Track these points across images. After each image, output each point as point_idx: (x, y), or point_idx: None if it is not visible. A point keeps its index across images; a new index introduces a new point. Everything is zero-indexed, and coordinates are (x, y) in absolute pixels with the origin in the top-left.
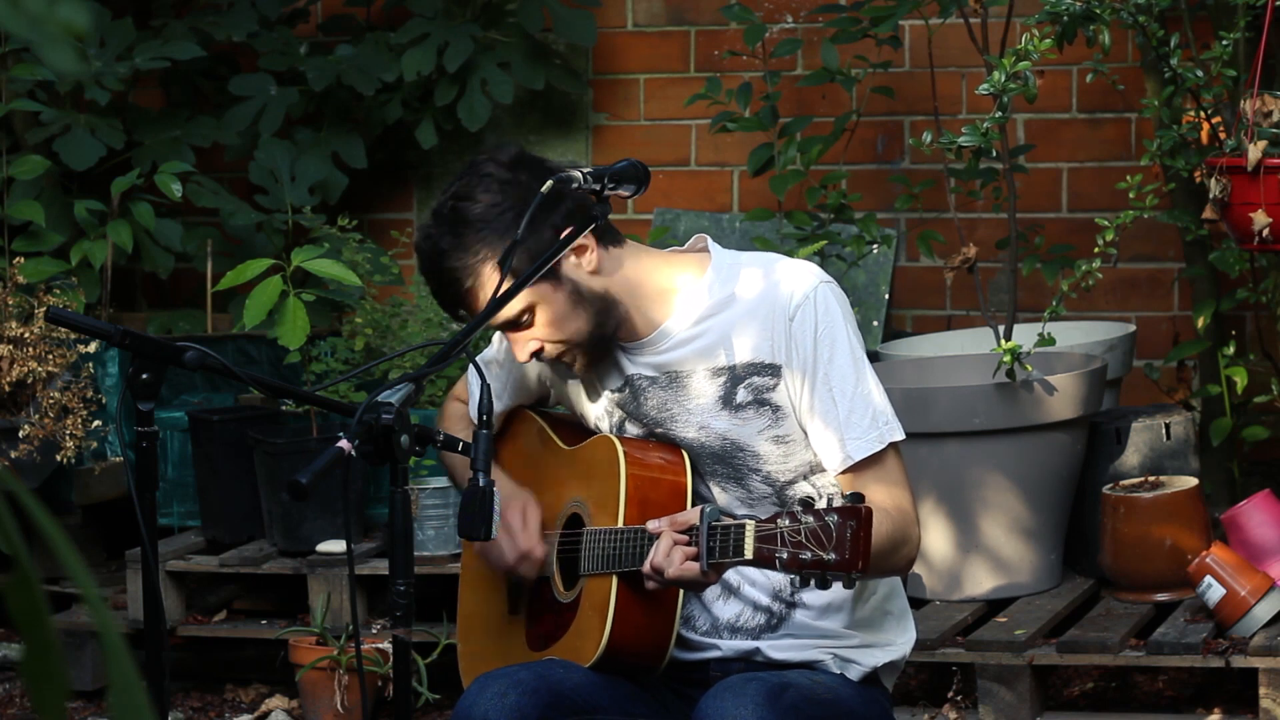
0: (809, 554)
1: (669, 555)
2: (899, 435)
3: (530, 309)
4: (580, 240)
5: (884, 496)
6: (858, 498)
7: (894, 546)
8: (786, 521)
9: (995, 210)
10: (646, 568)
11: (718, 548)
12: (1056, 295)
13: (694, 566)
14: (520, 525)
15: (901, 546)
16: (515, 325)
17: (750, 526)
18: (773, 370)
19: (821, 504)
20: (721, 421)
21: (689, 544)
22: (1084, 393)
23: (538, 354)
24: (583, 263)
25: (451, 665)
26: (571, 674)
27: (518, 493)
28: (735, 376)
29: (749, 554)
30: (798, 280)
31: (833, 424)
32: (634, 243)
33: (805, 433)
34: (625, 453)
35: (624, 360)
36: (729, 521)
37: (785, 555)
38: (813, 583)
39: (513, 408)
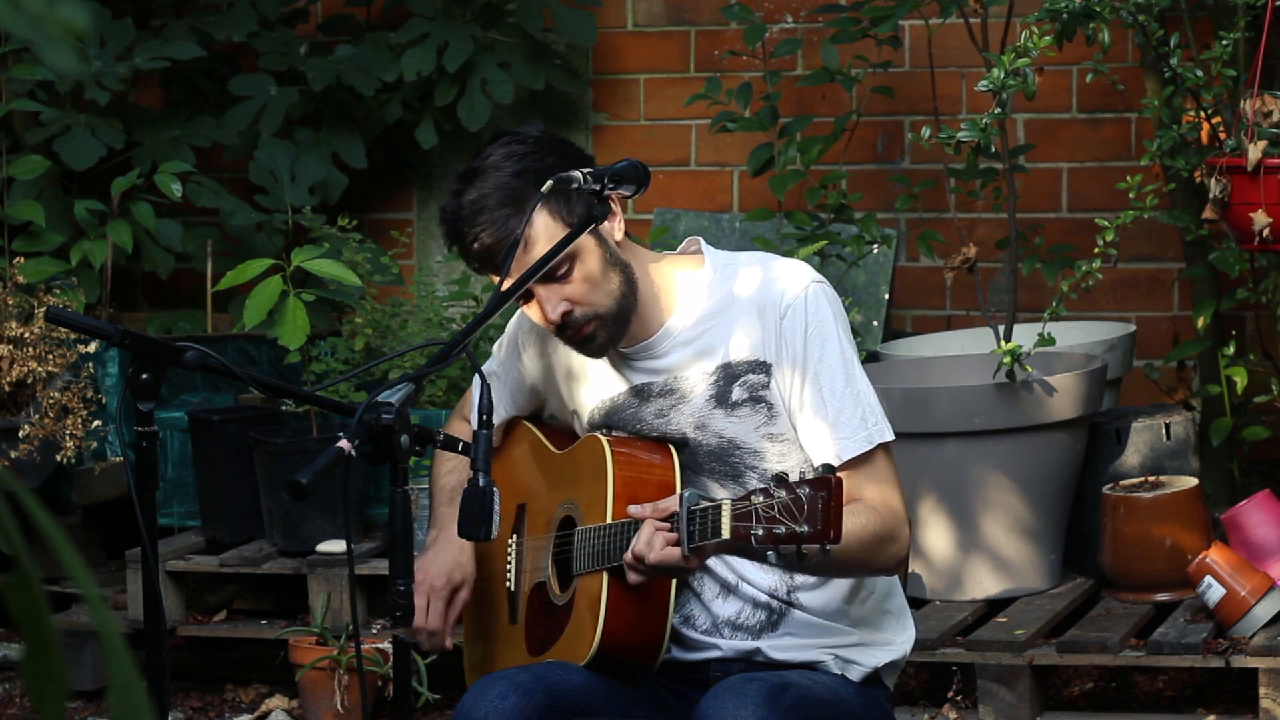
0: (783, 528)
1: (650, 542)
2: (888, 436)
3: (572, 258)
4: (613, 206)
5: (874, 494)
6: (828, 469)
7: (881, 543)
8: (760, 498)
9: (995, 210)
10: (628, 557)
11: (697, 531)
12: (1056, 295)
13: (675, 552)
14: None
15: (890, 544)
16: (553, 277)
17: (726, 506)
18: (764, 368)
19: (793, 477)
20: (718, 420)
21: (670, 530)
22: (1084, 393)
23: (567, 315)
24: (614, 227)
25: (450, 665)
26: (571, 676)
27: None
28: (729, 375)
29: (726, 533)
30: (790, 280)
31: (822, 423)
32: (631, 243)
33: (796, 430)
34: (612, 451)
35: (625, 369)
36: (706, 504)
37: (760, 531)
38: (791, 557)
39: (509, 419)
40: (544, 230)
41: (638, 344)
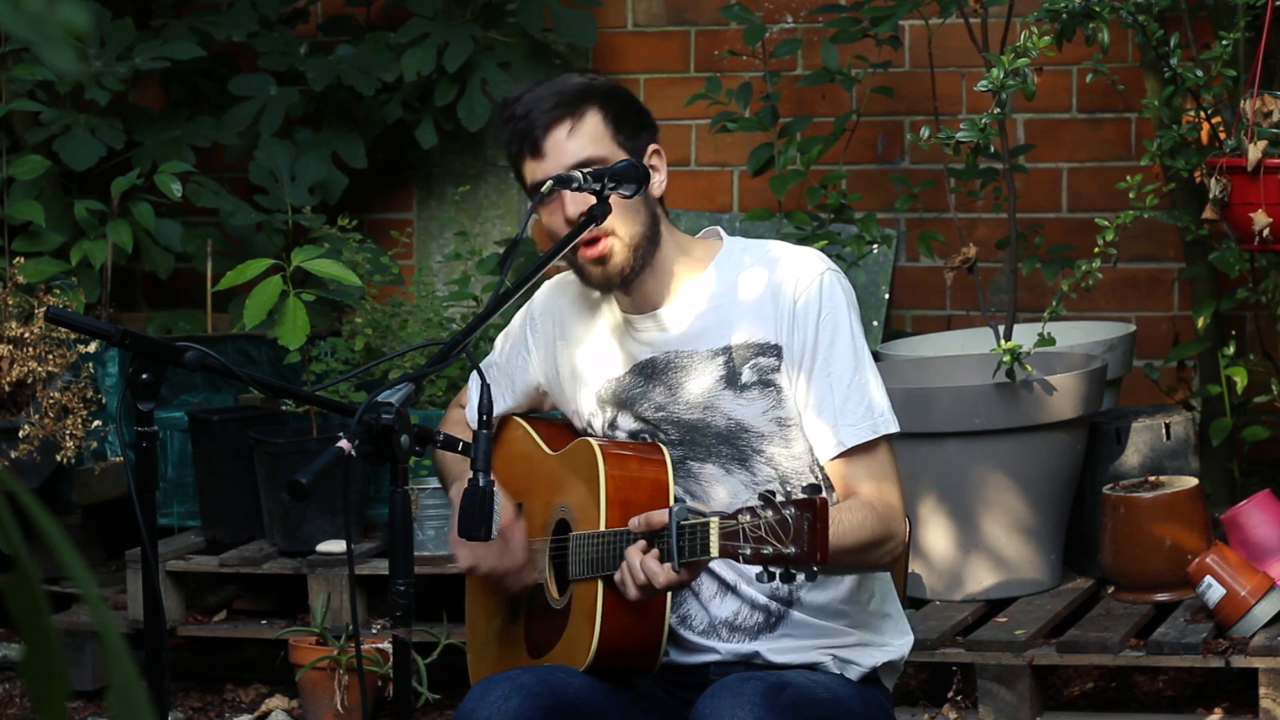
0: (770, 549)
1: (643, 567)
2: (893, 428)
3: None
4: (656, 162)
5: (872, 490)
6: (814, 489)
7: (876, 541)
8: (747, 517)
9: (995, 210)
10: (628, 582)
11: (686, 547)
12: (1056, 295)
13: (666, 569)
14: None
15: (885, 542)
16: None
17: (714, 524)
18: (775, 351)
19: (780, 497)
20: (726, 401)
21: (657, 546)
22: (1084, 393)
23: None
24: (657, 183)
25: (450, 666)
26: (573, 679)
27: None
28: (739, 356)
29: (714, 551)
30: (805, 266)
31: (828, 410)
32: (662, 211)
33: (801, 415)
34: (604, 456)
35: (630, 343)
36: (695, 520)
37: (748, 551)
38: (779, 576)
39: (504, 414)
40: (592, 131)
41: (646, 312)
